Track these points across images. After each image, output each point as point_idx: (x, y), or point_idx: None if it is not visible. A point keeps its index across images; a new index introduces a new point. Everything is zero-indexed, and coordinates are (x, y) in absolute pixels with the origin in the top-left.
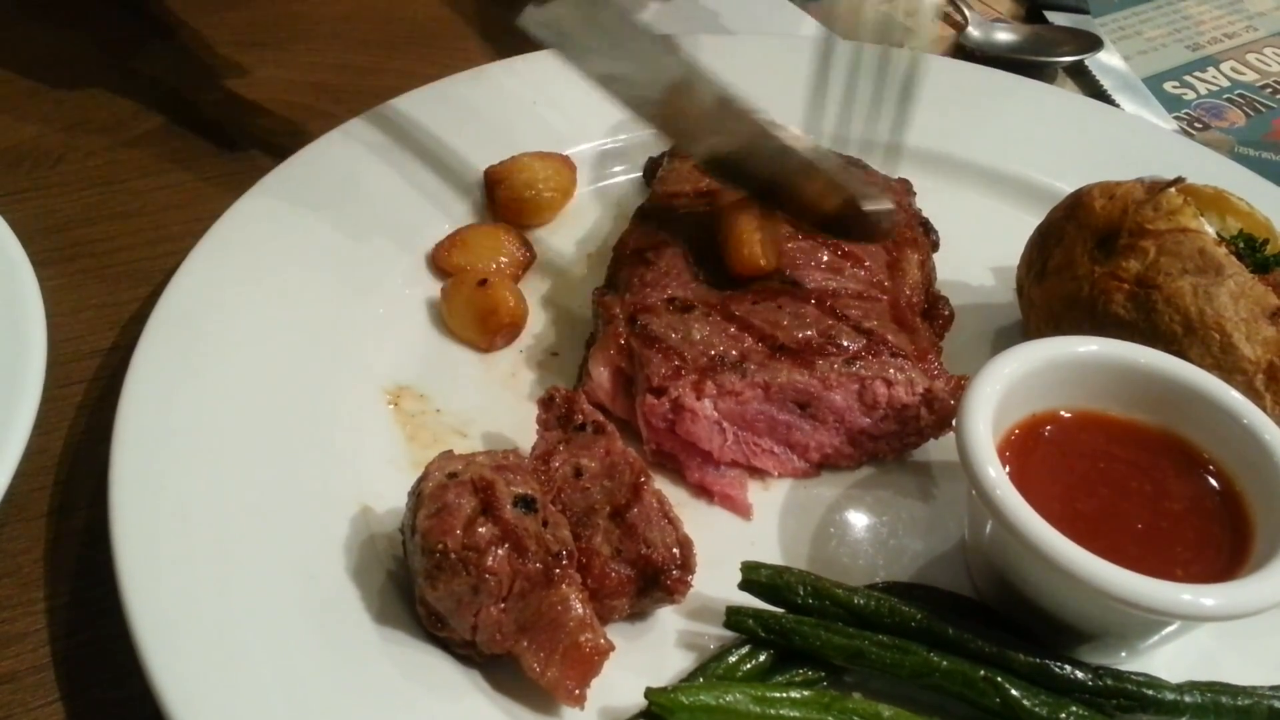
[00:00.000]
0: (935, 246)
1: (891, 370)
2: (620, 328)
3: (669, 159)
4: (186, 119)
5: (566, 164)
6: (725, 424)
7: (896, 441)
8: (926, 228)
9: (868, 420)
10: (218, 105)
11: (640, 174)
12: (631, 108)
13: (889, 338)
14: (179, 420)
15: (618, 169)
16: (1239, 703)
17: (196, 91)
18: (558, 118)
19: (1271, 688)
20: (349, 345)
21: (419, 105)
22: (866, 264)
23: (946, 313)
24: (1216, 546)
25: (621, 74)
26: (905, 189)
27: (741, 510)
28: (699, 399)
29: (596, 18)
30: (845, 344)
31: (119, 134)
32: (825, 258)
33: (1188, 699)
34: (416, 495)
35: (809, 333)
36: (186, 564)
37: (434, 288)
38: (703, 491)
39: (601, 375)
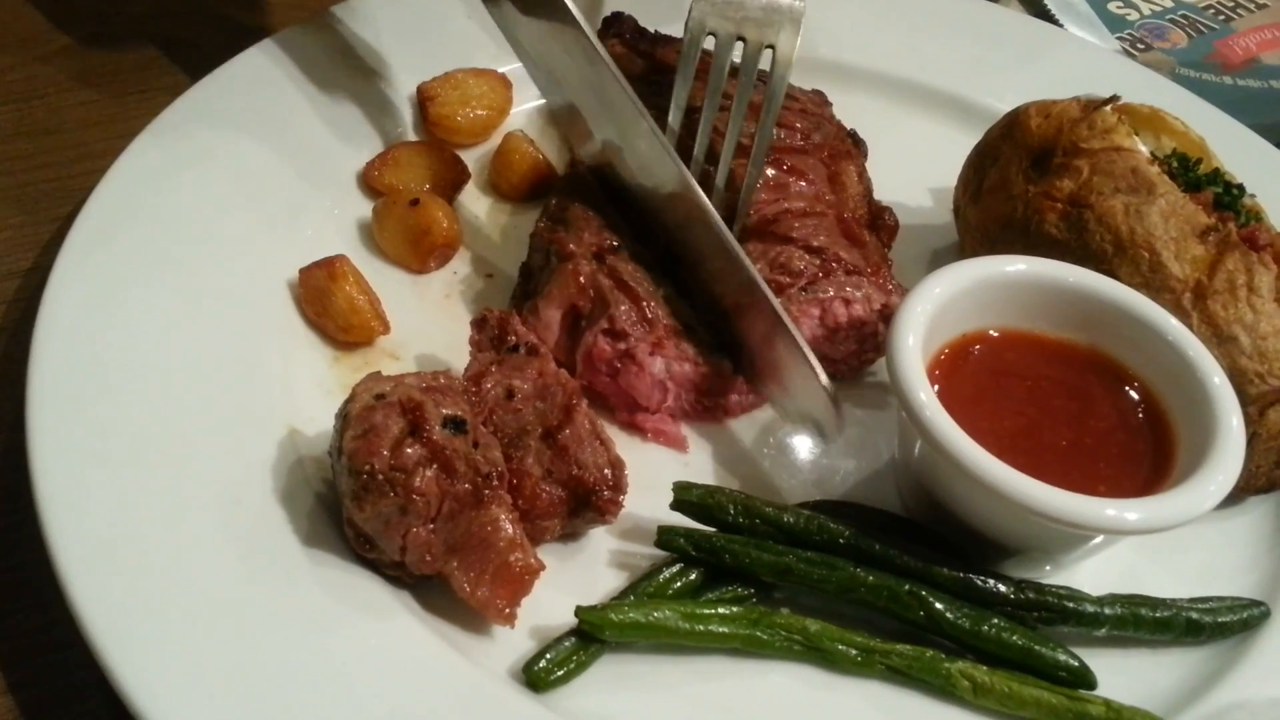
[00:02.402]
0: (865, 156)
1: (849, 289)
2: (583, 264)
3: None
4: (106, 32)
5: (502, 81)
6: (670, 384)
7: (855, 360)
8: (854, 139)
9: (829, 345)
10: (138, 19)
11: None
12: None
13: (842, 255)
14: (99, 343)
15: (535, 90)
16: (1158, 615)
17: (116, 4)
18: (493, 33)
19: (1190, 600)
20: (276, 266)
21: (349, 18)
22: (809, 176)
23: (892, 222)
24: (1140, 462)
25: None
26: (821, 100)
27: (677, 444)
28: (652, 355)
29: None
30: (800, 268)
31: (36, 48)
32: (771, 174)
33: (1108, 611)
34: (344, 417)
35: (760, 266)
36: (108, 489)
37: (365, 208)
38: (634, 429)
39: (553, 318)
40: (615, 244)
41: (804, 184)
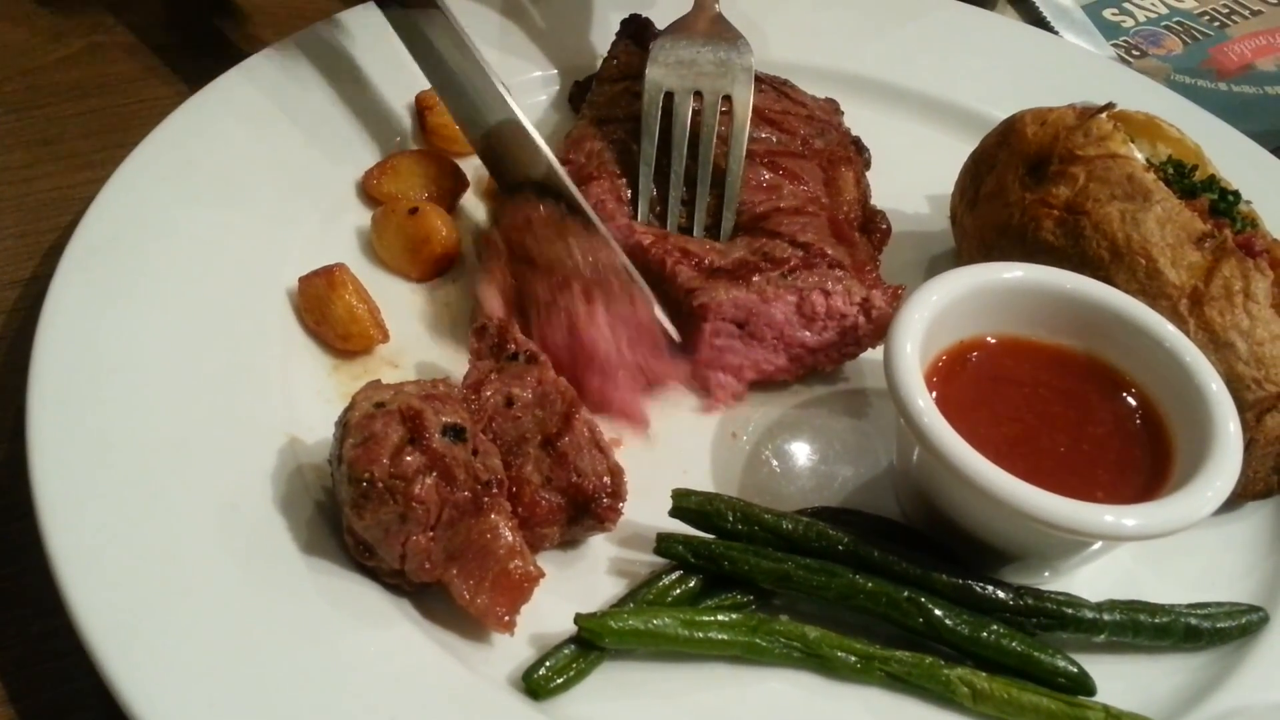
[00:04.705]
0: (867, 164)
1: (829, 281)
2: (502, 260)
3: (597, 83)
4: (105, 42)
5: None
6: (618, 326)
7: (835, 352)
8: (858, 146)
9: (807, 333)
10: (137, 29)
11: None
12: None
13: (827, 250)
14: (99, 351)
15: (543, 97)
16: (1156, 620)
17: (115, 14)
18: (491, 41)
19: (1189, 606)
20: (275, 275)
21: (347, 28)
22: (804, 179)
23: (885, 226)
24: (1138, 468)
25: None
26: (833, 109)
27: (638, 421)
28: (589, 303)
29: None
30: (782, 256)
31: (36, 58)
32: (766, 176)
33: (1106, 617)
34: (343, 425)
35: (742, 254)
36: (108, 497)
37: (364, 216)
38: (602, 404)
39: (494, 304)
40: (528, 219)
41: (797, 186)
